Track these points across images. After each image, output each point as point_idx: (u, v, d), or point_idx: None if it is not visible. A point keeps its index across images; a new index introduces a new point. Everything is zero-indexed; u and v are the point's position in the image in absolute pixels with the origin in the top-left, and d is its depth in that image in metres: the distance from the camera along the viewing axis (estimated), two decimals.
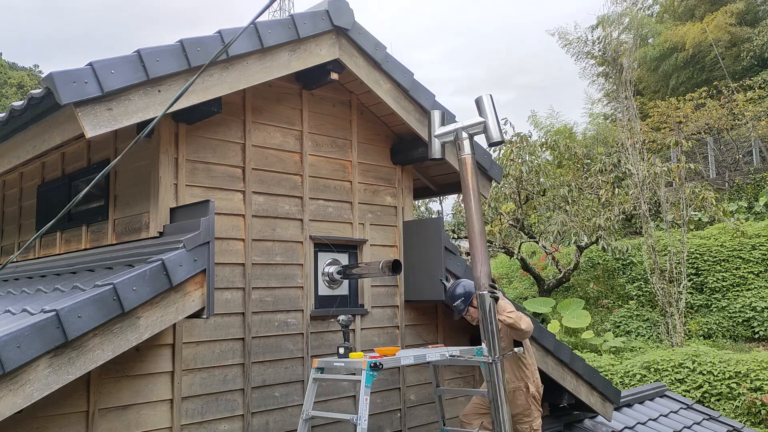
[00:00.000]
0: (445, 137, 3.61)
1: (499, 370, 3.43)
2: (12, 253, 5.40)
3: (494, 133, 3.46)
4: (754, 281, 14.25)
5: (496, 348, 3.43)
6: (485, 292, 3.41)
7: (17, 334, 2.63)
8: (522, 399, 4.54)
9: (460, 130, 3.53)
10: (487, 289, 3.42)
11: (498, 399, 3.43)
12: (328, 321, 4.44)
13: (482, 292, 3.43)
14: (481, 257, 3.41)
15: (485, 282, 3.43)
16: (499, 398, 3.43)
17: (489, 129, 3.45)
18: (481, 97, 3.53)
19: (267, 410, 4.05)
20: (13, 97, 31.13)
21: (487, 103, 3.49)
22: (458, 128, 3.55)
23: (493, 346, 3.42)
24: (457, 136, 3.53)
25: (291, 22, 3.89)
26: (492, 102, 3.47)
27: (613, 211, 14.25)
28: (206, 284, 3.36)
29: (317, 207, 4.48)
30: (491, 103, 3.48)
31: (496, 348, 3.43)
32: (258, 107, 4.23)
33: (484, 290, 3.42)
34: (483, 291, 3.43)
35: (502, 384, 3.45)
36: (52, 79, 2.92)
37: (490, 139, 3.46)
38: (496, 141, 3.47)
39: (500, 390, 3.44)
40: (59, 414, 3.16)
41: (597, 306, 15.94)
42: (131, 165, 3.95)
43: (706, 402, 9.67)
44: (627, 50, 17.05)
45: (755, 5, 23.08)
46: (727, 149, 20.92)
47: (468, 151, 3.48)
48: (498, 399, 3.43)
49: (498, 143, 3.49)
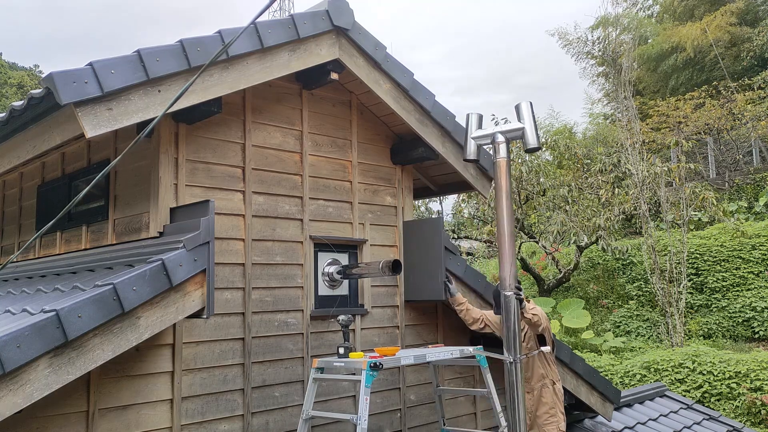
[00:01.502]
0: (481, 140, 3.68)
1: (518, 370, 3.47)
2: (12, 253, 5.40)
3: (531, 140, 3.57)
4: (754, 281, 14.25)
5: (517, 348, 3.47)
6: (511, 293, 3.48)
7: (17, 334, 2.63)
8: (548, 396, 4.70)
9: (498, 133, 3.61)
10: (512, 290, 3.49)
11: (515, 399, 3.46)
12: (328, 321, 4.44)
13: (507, 292, 3.49)
14: (508, 258, 3.50)
15: (511, 283, 3.51)
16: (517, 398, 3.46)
17: (527, 135, 3.55)
18: (521, 104, 3.64)
19: (267, 410, 4.05)
20: (13, 97, 31.11)
21: (526, 110, 3.61)
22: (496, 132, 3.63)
23: (513, 346, 3.46)
24: (493, 140, 3.60)
25: (291, 22, 3.89)
26: (531, 109, 3.60)
27: (613, 211, 14.24)
28: (206, 284, 3.36)
29: (317, 207, 4.48)
30: (530, 110, 3.60)
31: (517, 348, 3.47)
32: (258, 107, 4.23)
33: (510, 291, 3.49)
34: (508, 292, 3.49)
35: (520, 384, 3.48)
36: (52, 79, 2.92)
37: (527, 144, 3.55)
38: (532, 147, 3.56)
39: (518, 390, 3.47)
40: (59, 414, 3.16)
41: (597, 306, 15.94)
42: (131, 165, 3.95)
43: (706, 402, 9.67)
44: (626, 51, 17.05)
45: (755, 5, 23.07)
46: (727, 149, 20.92)
47: (503, 155, 3.58)
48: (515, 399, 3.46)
49: (535, 149, 3.58)
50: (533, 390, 4.72)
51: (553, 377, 4.80)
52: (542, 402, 4.70)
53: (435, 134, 4.79)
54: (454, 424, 5.02)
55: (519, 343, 3.50)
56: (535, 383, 4.72)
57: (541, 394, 4.70)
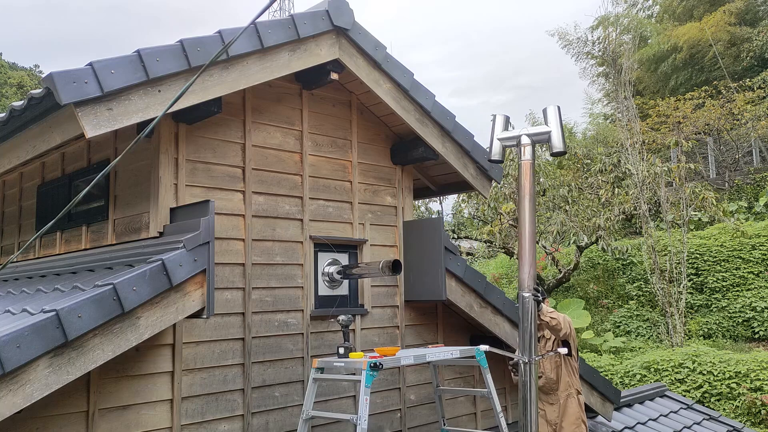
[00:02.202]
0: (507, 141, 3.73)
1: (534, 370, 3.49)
2: (12, 253, 5.40)
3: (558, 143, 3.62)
4: (754, 281, 14.26)
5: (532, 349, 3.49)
6: (529, 294, 3.50)
7: (17, 334, 2.63)
8: (574, 406, 4.65)
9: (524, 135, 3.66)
10: (531, 292, 3.51)
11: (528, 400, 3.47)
12: (328, 321, 4.44)
13: (525, 293, 3.51)
14: (529, 259, 3.54)
15: (530, 284, 3.53)
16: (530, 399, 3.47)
17: (553, 139, 3.61)
18: (548, 107, 3.71)
19: (267, 410, 4.05)
20: (13, 97, 31.11)
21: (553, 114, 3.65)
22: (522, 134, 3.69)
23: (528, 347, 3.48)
24: (519, 142, 3.65)
25: (291, 22, 3.89)
26: (559, 113, 3.62)
27: (613, 211, 14.24)
28: (206, 284, 3.36)
29: (317, 207, 4.48)
30: (558, 114, 3.63)
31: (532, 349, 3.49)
32: (258, 107, 4.23)
33: (528, 292, 3.51)
34: (526, 293, 3.51)
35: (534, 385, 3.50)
36: (52, 79, 2.92)
37: (553, 148, 3.60)
38: (558, 151, 3.61)
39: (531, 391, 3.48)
40: (59, 414, 3.16)
41: (597, 306, 15.94)
42: (131, 165, 3.95)
43: (706, 402, 9.67)
44: (626, 51, 17.05)
45: (755, 5, 23.07)
46: (727, 149, 20.92)
47: (528, 157, 3.62)
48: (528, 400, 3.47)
49: (561, 153, 3.63)
50: (558, 401, 4.64)
51: (578, 387, 4.77)
52: (568, 413, 4.64)
53: (435, 134, 4.79)
54: (454, 424, 5.02)
55: (535, 345, 3.52)
56: (561, 392, 4.65)
57: (566, 405, 4.65)
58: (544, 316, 4.28)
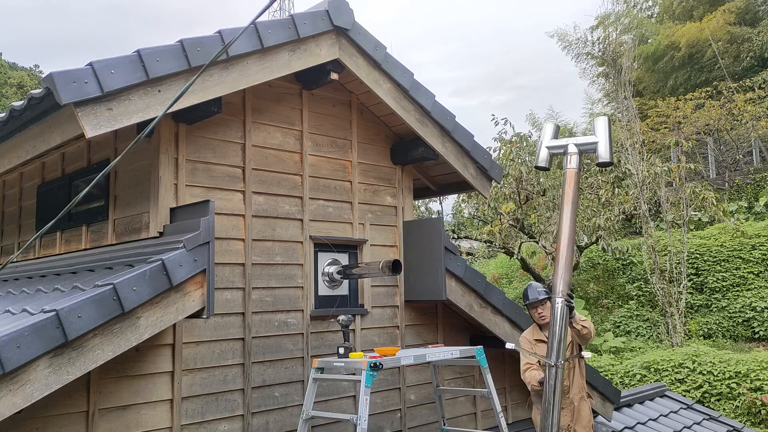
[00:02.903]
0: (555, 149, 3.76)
1: (559, 373, 3.50)
2: (12, 253, 5.40)
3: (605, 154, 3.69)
4: (754, 281, 14.25)
5: (560, 353, 3.50)
6: (561, 299, 3.51)
7: (17, 334, 2.63)
8: (586, 409, 4.64)
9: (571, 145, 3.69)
10: (564, 297, 3.52)
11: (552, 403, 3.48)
12: (328, 321, 4.44)
13: (558, 299, 3.52)
14: (564, 265, 3.58)
15: (564, 290, 3.54)
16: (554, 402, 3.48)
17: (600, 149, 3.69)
18: (598, 119, 3.80)
19: (267, 410, 4.05)
20: (13, 97, 31.12)
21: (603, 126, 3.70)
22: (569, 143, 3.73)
23: (557, 351, 3.49)
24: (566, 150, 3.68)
25: (291, 22, 3.89)
26: (608, 125, 3.69)
27: (613, 211, 14.22)
28: (206, 284, 3.36)
29: (317, 207, 4.48)
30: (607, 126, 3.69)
31: (560, 353, 3.50)
32: (258, 107, 4.23)
33: (561, 297, 3.52)
34: (559, 298, 3.52)
35: (559, 388, 3.50)
36: (52, 79, 2.92)
37: (600, 158, 3.68)
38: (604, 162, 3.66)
39: (556, 394, 3.49)
40: (59, 414, 3.16)
41: (597, 306, 15.93)
42: (131, 165, 3.95)
43: (706, 402, 9.67)
44: (626, 51, 17.05)
45: (755, 5, 23.06)
46: (727, 149, 20.91)
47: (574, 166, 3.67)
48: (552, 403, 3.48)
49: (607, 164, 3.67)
50: (571, 404, 4.59)
51: (588, 390, 4.79)
52: (582, 416, 4.61)
53: (435, 134, 4.79)
54: (454, 424, 5.02)
55: (563, 350, 3.53)
56: (574, 395, 4.61)
57: (580, 408, 4.61)
58: (577, 324, 4.27)
